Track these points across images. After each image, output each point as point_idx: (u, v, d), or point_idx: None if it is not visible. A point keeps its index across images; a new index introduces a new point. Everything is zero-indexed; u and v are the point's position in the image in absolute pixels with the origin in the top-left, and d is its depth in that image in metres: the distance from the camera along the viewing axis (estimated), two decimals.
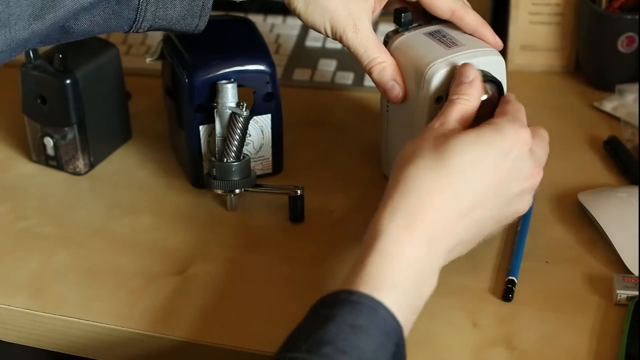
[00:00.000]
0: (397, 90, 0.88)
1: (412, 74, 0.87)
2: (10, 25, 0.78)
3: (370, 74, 0.89)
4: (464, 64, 0.83)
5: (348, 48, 0.89)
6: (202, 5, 0.86)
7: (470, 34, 0.89)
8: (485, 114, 0.82)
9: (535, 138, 0.80)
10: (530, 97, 1.05)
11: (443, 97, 0.85)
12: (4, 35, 0.78)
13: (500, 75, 0.87)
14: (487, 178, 0.76)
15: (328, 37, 0.89)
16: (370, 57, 0.88)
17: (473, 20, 0.88)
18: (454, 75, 0.83)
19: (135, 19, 0.84)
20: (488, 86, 0.85)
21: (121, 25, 0.85)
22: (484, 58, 0.86)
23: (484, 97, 0.84)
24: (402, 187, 0.75)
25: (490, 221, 0.78)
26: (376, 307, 0.70)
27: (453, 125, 0.79)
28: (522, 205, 0.80)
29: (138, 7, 0.83)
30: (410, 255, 0.72)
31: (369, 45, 0.88)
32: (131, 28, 0.85)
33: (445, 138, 0.77)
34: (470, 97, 0.81)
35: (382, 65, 0.88)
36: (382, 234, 0.73)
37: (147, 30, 0.86)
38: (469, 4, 0.91)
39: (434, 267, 0.74)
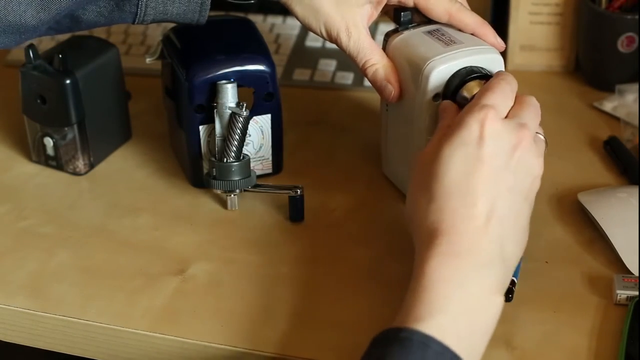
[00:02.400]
0: (389, 90, 0.89)
1: (410, 72, 0.87)
2: (20, 13, 0.81)
3: (365, 75, 0.90)
4: (440, 104, 0.84)
5: (343, 50, 0.90)
6: (201, 3, 0.87)
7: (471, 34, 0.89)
8: None
9: (516, 105, 0.79)
10: None
11: (440, 95, 0.86)
12: (14, 20, 0.81)
13: None
14: (482, 174, 0.75)
15: (325, 39, 0.91)
16: (363, 59, 0.89)
17: (472, 21, 0.89)
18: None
19: (137, 12, 0.86)
20: (482, 81, 0.85)
21: (125, 18, 0.87)
22: (482, 56, 0.86)
23: (476, 91, 0.84)
24: (420, 233, 0.75)
25: (517, 204, 0.76)
26: (426, 342, 0.68)
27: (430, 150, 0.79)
28: (534, 170, 0.78)
29: (138, 3, 0.85)
30: (447, 277, 0.71)
31: (362, 47, 0.89)
32: (134, 21, 0.87)
33: (426, 167, 0.77)
34: (444, 121, 0.81)
35: (376, 66, 0.89)
36: (416, 270, 0.73)
37: (151, 23, 0.88)
38: (467, 5, 0.91)
39: (482, 282, 0.72)
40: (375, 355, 0.69)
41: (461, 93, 0.85)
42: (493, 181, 0.75)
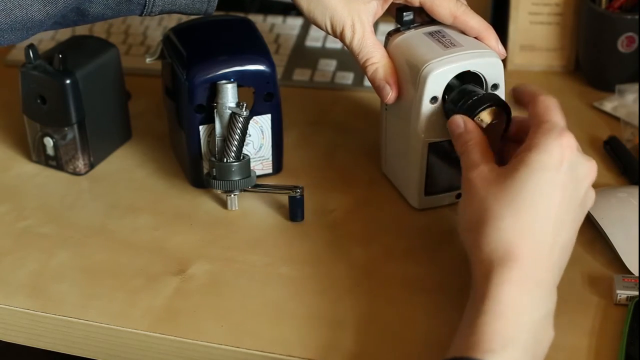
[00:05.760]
0: (387, 90, 0.89)
1: (409, 73, 0.88)
2: (27, 6, 0.81)
3: (365, 73, 0.90)
4: (450, 119, 0.83)
5: (346, 46, 0.90)
6: None
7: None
8: (495, 135, 0.82)
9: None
10: None
11: (438, 97, 0.86)
12: (21, 15, 0.81)
13: (498, 77, 0.87)
14: (556, 201, 0.74)
15: (329, 34, 0.90)
16: (365, 57, 0.89)
17: (477, 24, 0.89)
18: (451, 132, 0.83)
19: (145, 3, 0.86)
20: (497, 110, 0.84)
21: (132, 10, 0.86)
22: (481, 59, 0.86)
23: (489, 121, 0.83)
24: (488, 252, 0.73)
25: (573, 229, 0.76)
26: None
27: (488, 167, 0.77)
28: (590, 201, 0.78)
29: None
30: (519, 306, 0.70)
31: (365, 45, 0.89)
32: (143, 12, 0.87)
33: (495, 185, 0.75)
34: (472, 138, 0.81)
35: (376, 65, 0.89)
36: (484, 292, 0.71)
37: (159, 14, 0.87)
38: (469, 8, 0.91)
39: (545, 312, 0.72)
40: None
41: (477, 119, 0.83)
42: (564, 210, 0.75)
